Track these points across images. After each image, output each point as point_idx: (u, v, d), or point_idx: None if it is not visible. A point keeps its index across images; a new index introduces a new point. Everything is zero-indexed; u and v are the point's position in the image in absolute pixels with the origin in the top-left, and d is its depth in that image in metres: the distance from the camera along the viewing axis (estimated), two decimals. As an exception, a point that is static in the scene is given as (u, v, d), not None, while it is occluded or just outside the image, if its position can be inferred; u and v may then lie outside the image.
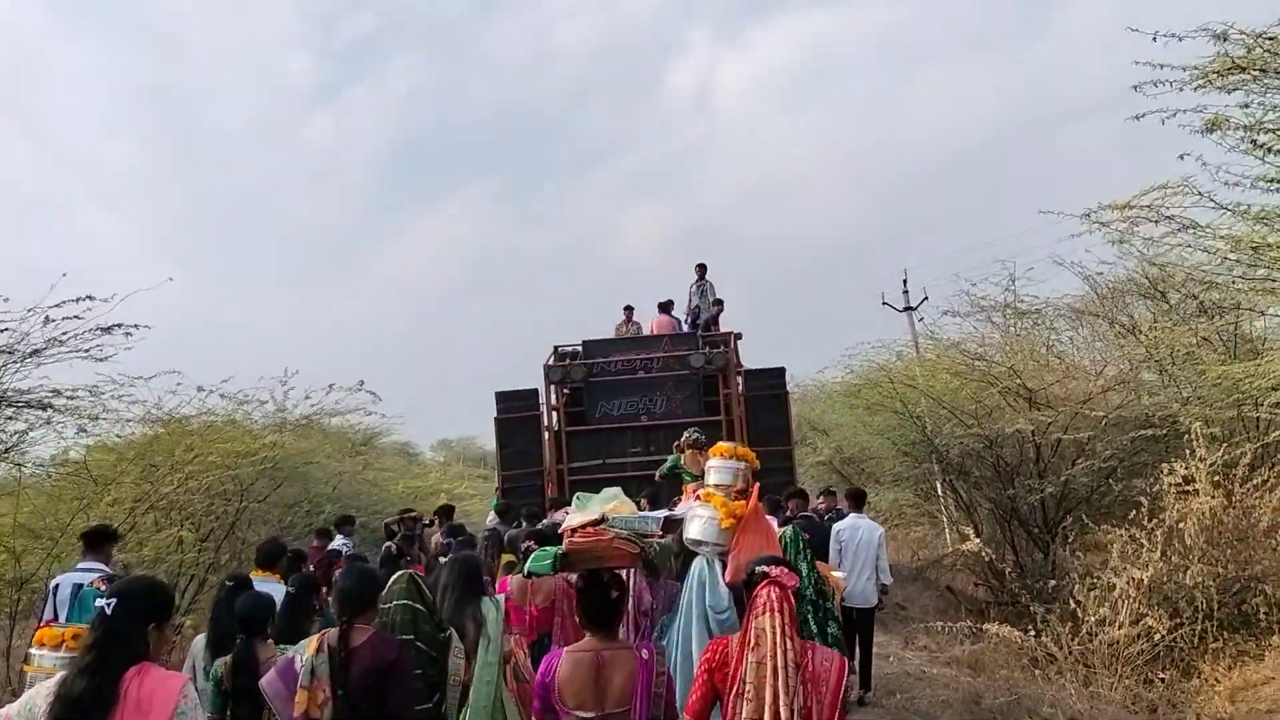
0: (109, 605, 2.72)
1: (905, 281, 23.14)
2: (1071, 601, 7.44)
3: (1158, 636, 7.03)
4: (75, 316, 8.16)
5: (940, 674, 7.43)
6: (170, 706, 2.61)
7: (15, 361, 8.28)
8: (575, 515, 3.85)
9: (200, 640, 4.60)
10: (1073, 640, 7.08)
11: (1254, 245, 5.17)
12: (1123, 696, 6.77)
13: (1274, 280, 5.47)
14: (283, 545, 6.29)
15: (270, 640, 4.03)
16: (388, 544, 7.47)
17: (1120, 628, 6.99)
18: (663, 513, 5.01)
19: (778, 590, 2.86)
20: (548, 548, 3.78)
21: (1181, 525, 7.46)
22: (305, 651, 3.28)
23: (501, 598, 4.43)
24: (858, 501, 8.12)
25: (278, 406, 14.06)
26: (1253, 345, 10.16)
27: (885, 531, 8.29)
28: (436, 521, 10.53)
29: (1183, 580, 7.37)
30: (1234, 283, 5.87)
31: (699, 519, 4.46)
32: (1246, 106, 4.91)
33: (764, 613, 2.81)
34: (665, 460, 8.37)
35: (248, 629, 3.94)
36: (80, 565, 5.31)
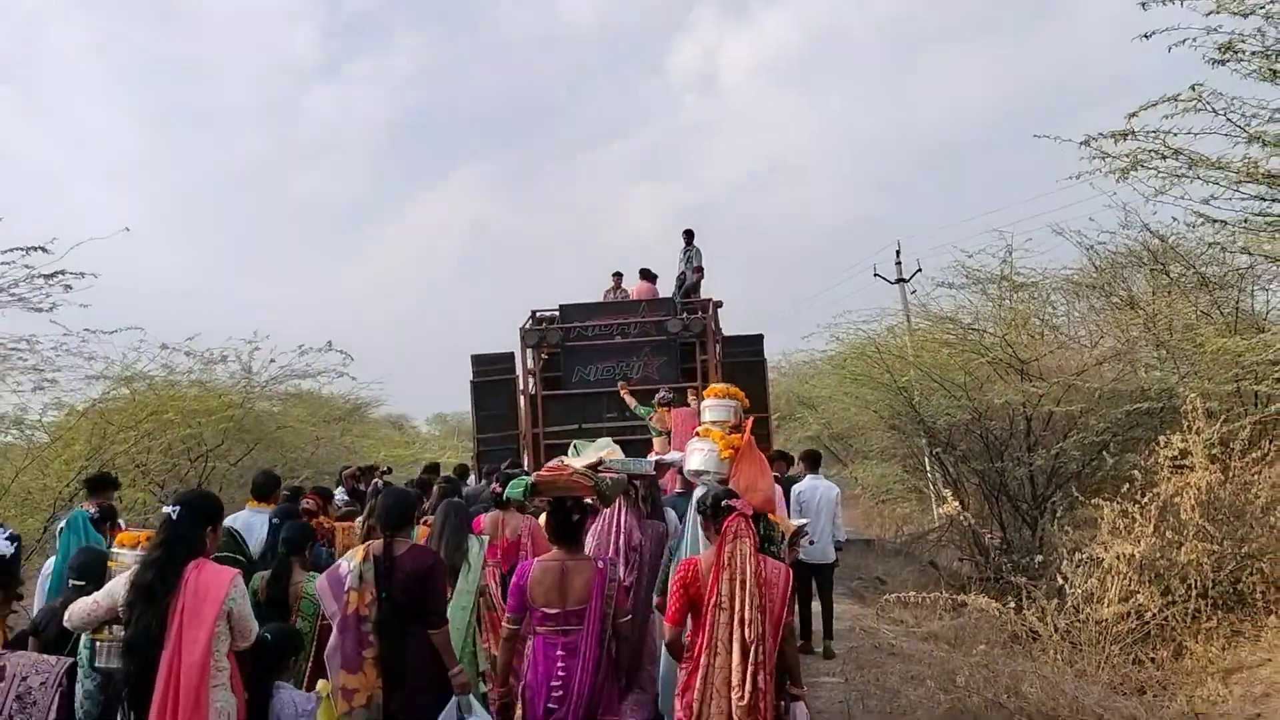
0: (175, 512, 3.25)
1: (899, 253, 22.38)
2: (1059, 577, 7.06)
3: (1149, 615, 6.66)
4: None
5: (914, 649, 7.05)
6: (222, 595, 3.13)
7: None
8: (575, 460, 4.59)
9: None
10: (1058, 616, 6.70)
11: (1271, 175, 4.71)
12: (1110, 676, 6.38)
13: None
14: (277, 477, 6.90)
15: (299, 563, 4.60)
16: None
17: (1109, 605, 6.61)
18: (654, 457, 5.97)
19: (743, 520, 3.55)
20: (522, 477, 4.62)
21: (1176, 500, 7.07)
22: (353, 560, 3.84)
23: (485, 537, 5.22)
24: (813, 463, 8.54)
25: (243, 367, 13.66)
26: (1254, 320, 9.76)
27: (840, 492, 8.63)
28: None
29: (1176, 557, 6.98)
30: (1245, 220, 5.40)
31: (699, 452, 4.79)
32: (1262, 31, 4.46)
33: (734, 539, 3.50)
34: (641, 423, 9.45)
35: (290, 549, 4.58)
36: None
